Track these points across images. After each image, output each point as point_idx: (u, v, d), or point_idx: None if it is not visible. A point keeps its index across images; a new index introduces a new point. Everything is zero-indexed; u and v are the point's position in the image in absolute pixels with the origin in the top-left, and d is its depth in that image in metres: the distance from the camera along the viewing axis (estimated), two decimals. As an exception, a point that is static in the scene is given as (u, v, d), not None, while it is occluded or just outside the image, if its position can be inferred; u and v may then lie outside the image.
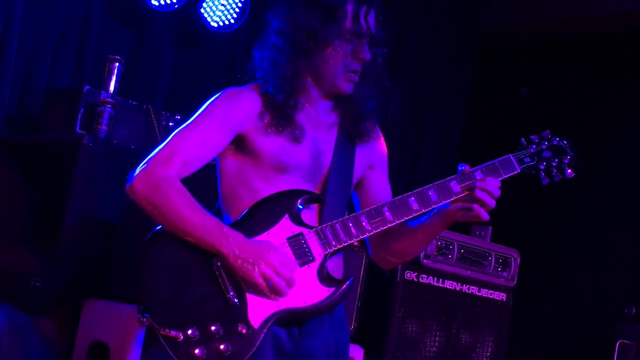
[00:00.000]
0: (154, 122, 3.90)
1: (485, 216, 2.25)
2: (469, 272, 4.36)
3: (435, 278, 4.24)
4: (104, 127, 3.67)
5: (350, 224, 2.24)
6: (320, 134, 2.35)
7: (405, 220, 2.28)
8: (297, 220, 2.24)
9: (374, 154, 2.46)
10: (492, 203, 2.25)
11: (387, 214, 2.26)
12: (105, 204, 3.53)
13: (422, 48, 5.73)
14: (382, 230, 2.27)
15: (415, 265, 4.17)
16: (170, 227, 2.17)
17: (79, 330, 3.42)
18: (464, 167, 2.30)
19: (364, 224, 2.25)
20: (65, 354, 3.41)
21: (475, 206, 2.24)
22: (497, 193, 2.26)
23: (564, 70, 6.07)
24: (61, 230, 3.44)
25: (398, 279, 4.12)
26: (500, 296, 4.47)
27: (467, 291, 4.36)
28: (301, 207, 2.25)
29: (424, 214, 2.30)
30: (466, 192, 2.26)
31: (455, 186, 2.27)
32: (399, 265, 4.09)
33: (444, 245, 4.26)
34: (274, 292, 2.14)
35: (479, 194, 2.23)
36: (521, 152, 2.37)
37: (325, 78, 2.31)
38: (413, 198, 2.27)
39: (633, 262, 5.33)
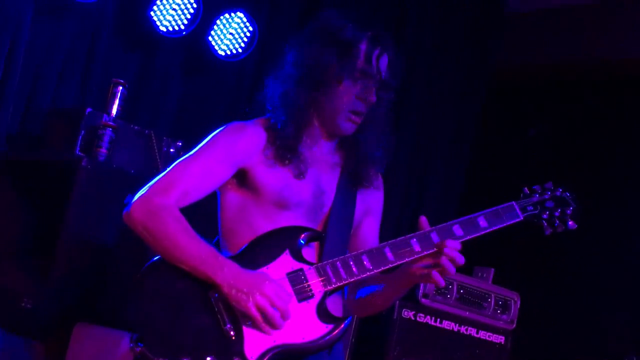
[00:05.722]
0: (155, 147, 3.87)
1: (442, 282, 2.20)
2: (467, 313, 4.30)
3: (433, 317, 4.19)
4: (103, 150, 3.64)
5: (352, 262, 2.21)
6: (322, 173, 2.34)
7: (407, 262, 2.23)
8: (298, 256, 2.21)
9: (373, 202, 2.45)
10: (453, 270, 2.20)
11: (389, 254, 2.23)
12: (102, 227, 3.49)
13: (431, 84, 5.71)
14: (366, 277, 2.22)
15: (413, 303, 4.12)
16: (165, 255, 2.15)
17: (67, 355, 3.35)
18: (422, 221, 2.23)
19: (365, 262, 2.22)
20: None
21: (434, 272, 2.19)
22: (460, 259, 2.19)
23: (575, 112, 6.05)
24: (55, 252, 3.39)
25: (395, 317, 4.07)
26: (499, 339, 4.41)
27: (465, 332, 4.30)
28: (302, 242, 2.23)
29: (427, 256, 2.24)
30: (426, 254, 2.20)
31: (415, 245, 2.22)
32: (397, 303, 4.04)
33: (443, 285, 4.20)
34: (268, 324, 2.10)
35: (443, 260, 2.17)
36: (524, 200, 2.35)
37: (329, 115, 2.31)
38: (415, 239, 2.23)
39: (633, 310, 5.28)
